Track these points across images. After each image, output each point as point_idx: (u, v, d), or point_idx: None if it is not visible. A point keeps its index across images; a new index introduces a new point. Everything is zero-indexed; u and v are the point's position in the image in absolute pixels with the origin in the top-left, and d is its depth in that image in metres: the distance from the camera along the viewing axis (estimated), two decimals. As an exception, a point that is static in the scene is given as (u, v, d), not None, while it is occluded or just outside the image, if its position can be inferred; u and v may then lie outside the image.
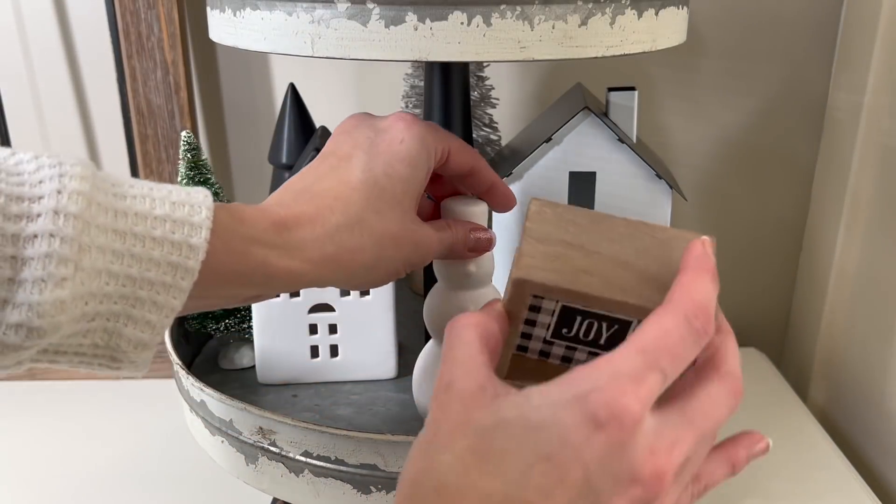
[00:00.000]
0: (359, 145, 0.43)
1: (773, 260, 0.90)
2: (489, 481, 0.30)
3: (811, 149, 0.85)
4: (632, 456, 0.30)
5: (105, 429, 0.75)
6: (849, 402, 0.79)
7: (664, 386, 0.32)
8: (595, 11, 0.44)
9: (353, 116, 0.46)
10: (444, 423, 0.32)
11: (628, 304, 0.36)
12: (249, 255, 0.36)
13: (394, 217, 0.41)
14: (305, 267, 0.38)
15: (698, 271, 0.34)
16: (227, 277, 0.36)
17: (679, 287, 0.34)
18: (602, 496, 0.30)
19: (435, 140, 0.44)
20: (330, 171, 0.41)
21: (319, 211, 0.39)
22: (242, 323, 0.65)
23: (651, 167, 0.56)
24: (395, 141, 0.43)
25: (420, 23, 0.42)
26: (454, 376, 0.34)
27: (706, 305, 0.33)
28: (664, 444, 0.31)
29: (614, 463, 0.30)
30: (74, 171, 0.31)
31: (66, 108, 0.83)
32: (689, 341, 0.32)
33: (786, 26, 0.81)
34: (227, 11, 0.49)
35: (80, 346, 0.33)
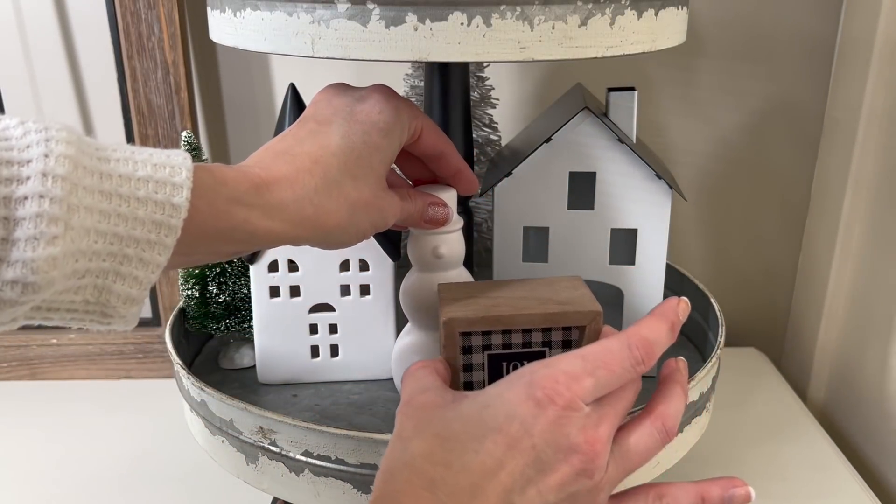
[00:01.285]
0: (338, 112, 0.44)
1: (773, 260, 0.90)
2: (450, 455, 0.36)
3: (811, 149, 0.85)
4: (569, 430, 0.37)
5: (105, 429, 0.75)
6: (849, 402, 0.79)
7: (597, 392, 0.38)
8: (595, 12, 0.44)
9: (332, 85, 0.47)
10: (410, 423, 0.39)
11: (535, 314, 0.45)
12: (231, 214, 0.38)
13: (367, 183, 0.43)
14: (285, 227, 0.40)
15: (659, 317, 0.41)
16: (210, 235, 0.37)
17: (635, 323, 0.41)
18: (547, 463, 0.36)
19: (409, 115, 0.46)
20: (309, 135, 0.43)
21: (299, 173, 0.41)
22: (243, 323, 0.65)
23: (651, 167, 0.56)
24: (374, 111, 0.44)
25: (420, 23, 0.42)
26: (413, 393, 0.41)
27: (651, 343, 0.39)
28: (592, 422, 0.37)
29: (556, 436, 0.36)
30: (60, 136, 0.32)
31: (66, 108, 0.83)
32: (626, 364, 0.39)
33: (785, 26, 0.81)
34: (228, 12, 0.49)
35: (73, 302, 0.34)
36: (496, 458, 0.36)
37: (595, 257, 0.59)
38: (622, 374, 0.39)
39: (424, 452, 0.37)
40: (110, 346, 0.82)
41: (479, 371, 0.48)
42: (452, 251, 0.53)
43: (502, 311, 0.46)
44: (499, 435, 0.37)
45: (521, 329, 0.47)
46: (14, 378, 0.82)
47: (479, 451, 0.36)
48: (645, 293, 0.59)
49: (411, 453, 0.37)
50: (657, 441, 0.40)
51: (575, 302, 0.47)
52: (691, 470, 0.66)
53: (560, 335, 0.48)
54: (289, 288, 0.58)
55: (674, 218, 0.58)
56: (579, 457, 0.37)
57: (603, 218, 0.58)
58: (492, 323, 0.46)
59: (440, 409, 0.39)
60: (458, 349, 0.46)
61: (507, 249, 0.59)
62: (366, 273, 0.58)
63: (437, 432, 0.38)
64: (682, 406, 0.42)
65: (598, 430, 0.37)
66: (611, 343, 0.39)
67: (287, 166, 0.41)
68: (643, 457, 0.40)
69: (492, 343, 0.47)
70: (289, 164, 0.41)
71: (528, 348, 0.47)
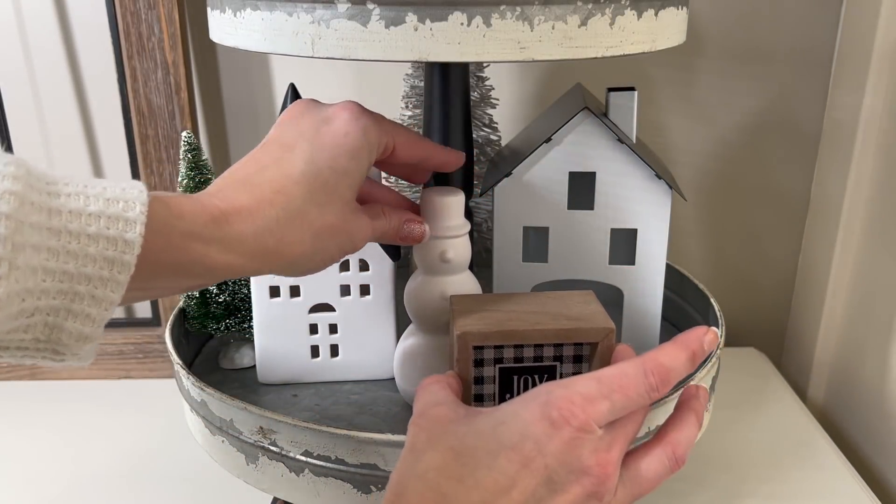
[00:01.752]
0: (303, 135, 0.43)
1: (773, 260, 0.90)
2: (463, 469, 0.36)
3: (811, 149, 0.85)
4: (582, 452, 0.37)
5: (105, 429, 0.75)
6: (848, 402, 0.79)
7: (611, 416, 0.38)
8: (595, 12, 0.44)
9: (299, 103, 0.46)
10: (423, 435, 0.39)
11: (548, 329, 0.46)
12: (188, 249, 0.37)
13: (333, 209, 0.42)
14: (244, 260, 0.39)
15: (680, 345, 0.41)
16: (167, 269, 0.37)
17: (656, 348, 0.40)
18: (559, 484, 0.36)
19: (378, 134, 0.45)
20: (273, 162, 0.42)
21: (259, 204, 0.39)
22: (243, 323, 0.65)
23: (651, 167, 0.56)
24: (340, 133, 0.43)
25: (420, 23, 0.42)
26: (427, 406, 0.41)
27: (668, 369, 0.39)
28: (604, 444, 0.38)
29: (569, 457, 0.37)
30: (7, 171, 0.31)
31: (66, 108, 0.83)
32: (641, 389, 0.38)
33: (785, 26, 0.81)
34: (228, 12, 0.49)
35: (22, 340, 0.33)
36: (509, 476, 0.36)
37: (595, 257, 0.59)
38: (637, 399, 0.38)
39: (438, 466, 0.37)
40: (110, 346, 0.82)
41: (490, 384, 0.48)
42: (459, 255, 0.53)
43: (516, 325, 0.46)
44: (512, 452, 0.36)
45: (532, 344, 0.47)
46: (14, 378, 0.82)
47: (492, 467, 0.36)
48: (645, 293, 0.59)
49: (424, 466, 0.37)
50: (667, 468, 0.40)
51: (587, 318, 0.48)
52: (691, 470, 0.66)
53: (572, 350, 0.48)
54: (289, 288, 0.58)
55: (674, 218, 0.58)
56: (591, 479, 0.37)
57: (603, 218, 0.58)
58: (505, 337, 0.46)
59: (454, 424, 0.39)
60: (470, 362, 0.47)
61: (507, 249, 0.59)
62: (366, 273, 0.58)
63: (451, 446, 0.37)
64: (694, 435, 0.42)
65: (609, 453, 0.38)
66: (627, 367, 0.39)
67: (247, 196, 0.39)
68: (652, 483, 0.40)
69: (503, 357, 0.48)
70: (249, 193, 0.39)
71: (540, 362, 0.48)
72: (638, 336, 0.61)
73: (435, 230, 0.53)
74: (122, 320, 0.86)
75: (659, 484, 0.40)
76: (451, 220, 0.53)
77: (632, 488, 0.39)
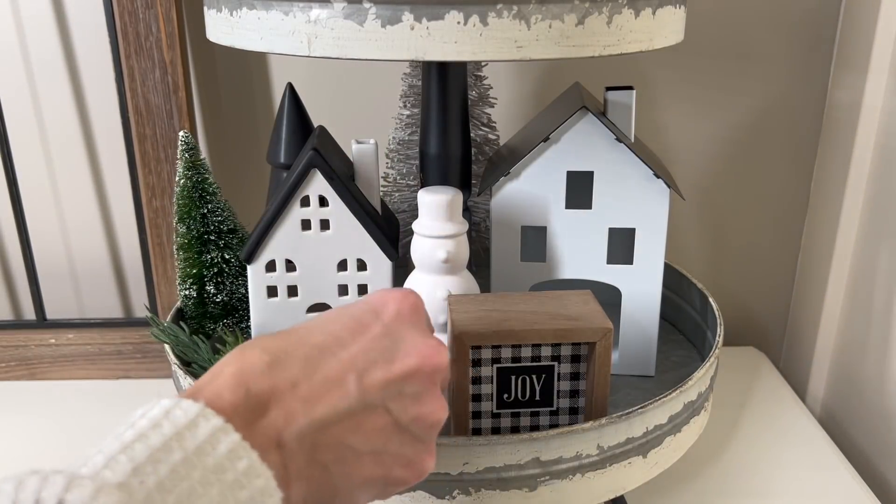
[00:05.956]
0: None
1: (773, 260, 0.90)
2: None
3: (810, 148, 0.85)
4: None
5: (105, 429, 0.74)
6: (848, 402, 0.79)
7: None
8: (592, 11, 0.44)
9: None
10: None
11: (546, 329, 0.46)
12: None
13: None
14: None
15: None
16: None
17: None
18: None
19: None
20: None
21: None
22: (240, 323, 0.65)
23: (649, 166, 0.56)
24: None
25: (416, 22, 0.42)
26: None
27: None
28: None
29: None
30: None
31: (64, 107, 0.83)
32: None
33: (784, 25, 0.81)
34: (224, 11, 0.49)
35: None
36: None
37: (593, 257, 0.59)
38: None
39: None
40: (109, 346, 0.82)
41: (488, 384, 0.48)
42: (457, 255, 0.53)
43: (513, 325, 0.47)
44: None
45: (530, 343, 0.47)
46: (13, 378, 0.82)
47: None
48: (643, 293, 0.59)
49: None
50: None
51: (585, 318, 0.48)
52: (690, 470, 0.66)
53: (570, 350, 0.48)
54: (286, 288, 0.58)
55: (673, 217, 0.58)
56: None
57: (601, 217, 0.58)
58: (503, 337, 0.46)
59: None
60: (468, 362, 0.47)
61: (504, 249, 0.59)
62: (364, 273, 0.57)
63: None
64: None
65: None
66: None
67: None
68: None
69: (501, 357, 0.48)
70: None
71: (538, 362, 0.48)
72: (636, 336, 0.61)
73: (433, 230, 0.52)
74: (121, 320, 0.86)
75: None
76: (448, 220, 0.53)
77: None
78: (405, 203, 0.74)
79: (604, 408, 0.49)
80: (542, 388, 0.49)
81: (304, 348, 0.35)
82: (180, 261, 0.63)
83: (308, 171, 0.54)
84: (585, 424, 0.48)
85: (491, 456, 0.47)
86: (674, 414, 0.53)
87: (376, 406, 0.36)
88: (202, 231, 0.62)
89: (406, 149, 0.73)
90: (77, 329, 0.83)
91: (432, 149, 0.65)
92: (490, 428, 0.51)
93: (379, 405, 0.36)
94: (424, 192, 0.53)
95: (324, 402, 0.34)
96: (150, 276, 0.81)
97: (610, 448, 0.49)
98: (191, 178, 0.61)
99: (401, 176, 0.74)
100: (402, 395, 0.37)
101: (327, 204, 0.55)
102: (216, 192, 0.62)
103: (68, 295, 0.90)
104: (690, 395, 0.54)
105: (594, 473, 0.49)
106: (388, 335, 0.38)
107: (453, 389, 0.49)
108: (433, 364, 0.38)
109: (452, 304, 0.50)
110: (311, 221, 0.56)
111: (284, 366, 0.34)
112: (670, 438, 0.53)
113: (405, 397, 0.37)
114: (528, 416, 0.50)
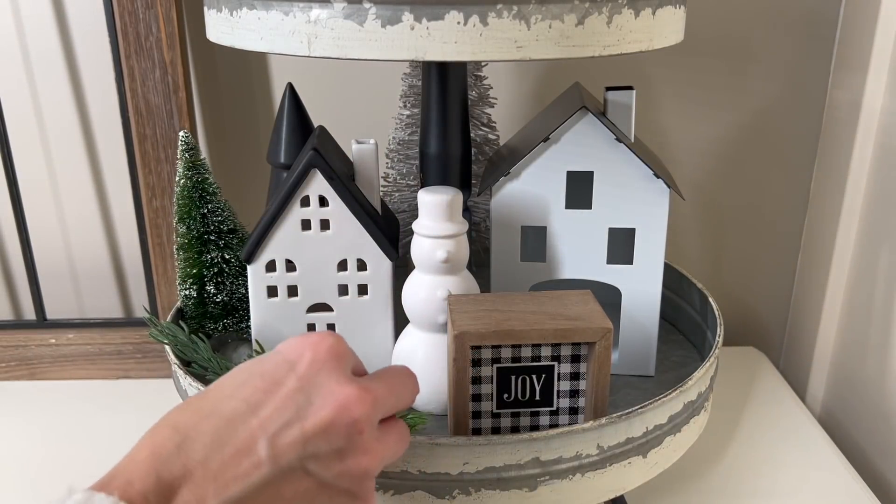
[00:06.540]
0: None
1: (773, 260, 0.90)
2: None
3: (810, 148, 0.85)
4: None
5: (104, 429, 0.75)
6: (848, 402, 0.79)
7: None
8: (592, 11, 0.44)
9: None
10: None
11: (546, 329, 0.46)
12: None
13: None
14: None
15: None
16: None
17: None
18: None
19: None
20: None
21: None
22: (241, 323, 0.65)
23: (649, 166, 0.56)
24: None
25: (416, 22, 0.42)
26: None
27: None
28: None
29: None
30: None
31: (64, 107, 0.83)
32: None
33: (784, 25, 0.81)
34: (224, 11, 0.49)
35: None
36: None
37: (593, 257, 0.59)
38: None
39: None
40: (109, 346, 0.82)
41: (488, 384, 0.48)
42: (457, 255, 0.53)
43: (513, 325, 0.47)
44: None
45: (530, 343, 0.47)
46: (12, 378, 0.82)
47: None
48: (643, 293, 0.59)
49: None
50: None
51: (585, 318, 0.48)
52: (690, 469, 0.66)
53: (569, 350, 0.48)
54: (286, 287, 0.58)
55: (673, 217, 0.58)
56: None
57: (601, 217, 0.58)
58: (503, 337, 0.46)
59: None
60: (468, 362, 0.47)
61: (504, 249, 0.59)
62: (364, 273, 0.57)
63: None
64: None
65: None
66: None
67: None
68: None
69: (501, 356, 0.48)
70: None
71: (538, 362, 0.48)
72: (636, 336, 0.61)
73: (433, 230, 0.53)
74: (121, 320, 0.86)
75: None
76: (448, 220, 0.53)
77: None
78: (405, 203, 0.74)
79: (604, 408, 0.49)
80: (542, 388, 0.49)
81: (214, 420, 0.34)
82: (180, 261, 0.63)
83: (308, 171, 0.54)
84: (585, 424, 0.48)
85: (491, 456, 0.47)
86: (674, 414, 0.53)
87: (294, 469, 0.34)
88: (202, 231, 0.62)
89: (406, 149, 0.73)
90: (77, 329, 0.83)
91: (432, 149, 0.65)
92: (490, 428, 0.51)
93: (297, 468, 0.34)
94: (424, 192, 0.53)
95: (236, 477, 0.33)
96: (150, 276, 0.81)
97: (610, 448, 0.49)
98: (191, 178, 0.61)
99: (401, 176, 0.74)
100: (321, 453, 0.35)
101: (327, 204, 0.55)
102: (216, 192, 0.62)
103: (68, 295, 0.90)
104: (690, 395, 0.54)
105: (594, 473, 0.49)
106: (302, 389, 0.36)
107: (453, 389, 0.49)
108: (351, 415, 0.36)
109: (452, 304, 0.50)
110: (311, 221, 0.56)
111: (195, 444, 0.33)
112: (670, 438, 0.53)
113: (325, 454, 0.35)
114: (528, 416, 0.50)
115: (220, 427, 0.34)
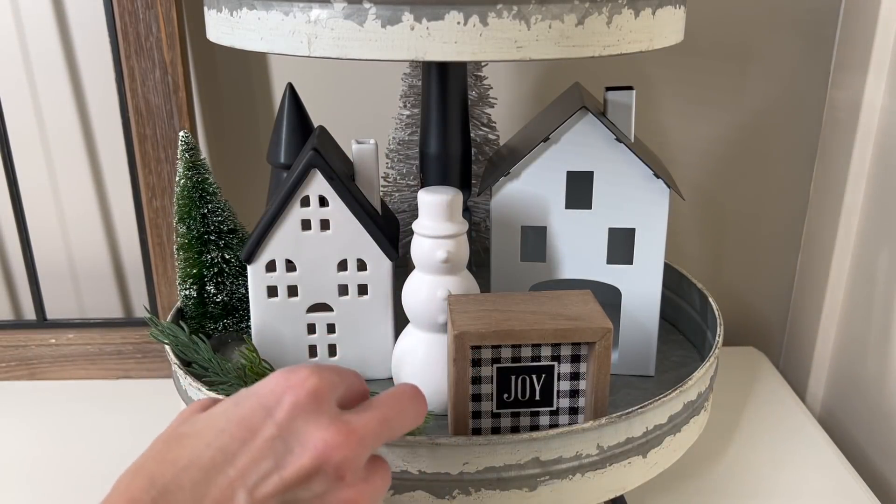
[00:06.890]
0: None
1: (773, 260, 0.90)
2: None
3: (810, 148, 0.85)
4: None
5: (104, 429, 0.75)
6: (848, 402, 0.79)
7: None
8: (592, 11, 0.44)
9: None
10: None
11: (546, 329, 0.46)
12: None
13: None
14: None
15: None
16: None
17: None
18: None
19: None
20: None
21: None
22: (241, 323, 0.65)
23: (649, 166, 0.56)
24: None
25: (416, 22, 0.42)
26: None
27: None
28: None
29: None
30: None
31: (64, 107, 0.83)
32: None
33: (784, 25, 0.81)
34: (224, 11, 0.49)
35: None
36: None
37: (593, 257, 0.59)
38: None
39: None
40: (109, 346, 0.82)
41: (488, 384, 0.48)
42: (457, 255, 0.53)
43: (513, 325, 0.47)
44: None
45: (530, 343, 0.47)
46: (12, 378, 0.82)
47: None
48: (643, 293, 0.59)
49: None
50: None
51: (585, 318, 0.48)
52: (690, 469, 0.66)
53: (569, 350, 0.48)
54: (286, 288, 0.58)
55: (673, 217, 0.58)
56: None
57: (601, 217, 0.58)
58: (503, 337, 0.46)
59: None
60: (468, 362, 0.47)
61: (504, 249, 0.59)
62: (364, 273, 0.58)
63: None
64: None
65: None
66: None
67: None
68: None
69: (501, 356, 0.48)
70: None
71: (538, 362, 0.48)
72: (636, 336, 0.61)
73: (433, 230, 0.53)
74: (121, 320, 0.86)
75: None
76: (448, 220, 0.53)
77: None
78: (405, 203, 0.74)
79: (604, 408, 0.49)
80: (542, 388, 0.49)
81: (192, 472, 0.33)
82: (180, 261, 0.63)
83: (308, 171, 0.54)
84: (585, 424, 0.48)
85: (491, 456, 0.47)
86: (673, 414, 0.53)
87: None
88: (202, 231, 0.62)
89: (406, 149, 0.73)
90: (77, 329, 0.83)
91: (432, 149, 0.65)
92: (490, 428, 0.51)
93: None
94: (424, 192, 0.53)
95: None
96: (150, 276, 0.81)
97: (610, 448, 0.49)
98: (191, 178, 0.61)
99: (401, 176, 0.74)
100: (302, 499, 0.35)
101: (327, 204, 0.55)
102: (216, 192, 0.62)
103: (68, 295, 0.90)
104: (690, 395, 0.54)
105: (594, 473, 0.49)
106: (280, 435, 0.35)
107: (453, 389, 0.49)
108: (331, 461, 0.35)
109: (452, 304, 0.50)
110: (311, 221, 0.56)
111: (174, 498, 0.33)
112: (670, 438, 0.53)
113: (307, 499, 0.35)
114: (528, 415, 0.50)
115: (197, 480, 0.33)
